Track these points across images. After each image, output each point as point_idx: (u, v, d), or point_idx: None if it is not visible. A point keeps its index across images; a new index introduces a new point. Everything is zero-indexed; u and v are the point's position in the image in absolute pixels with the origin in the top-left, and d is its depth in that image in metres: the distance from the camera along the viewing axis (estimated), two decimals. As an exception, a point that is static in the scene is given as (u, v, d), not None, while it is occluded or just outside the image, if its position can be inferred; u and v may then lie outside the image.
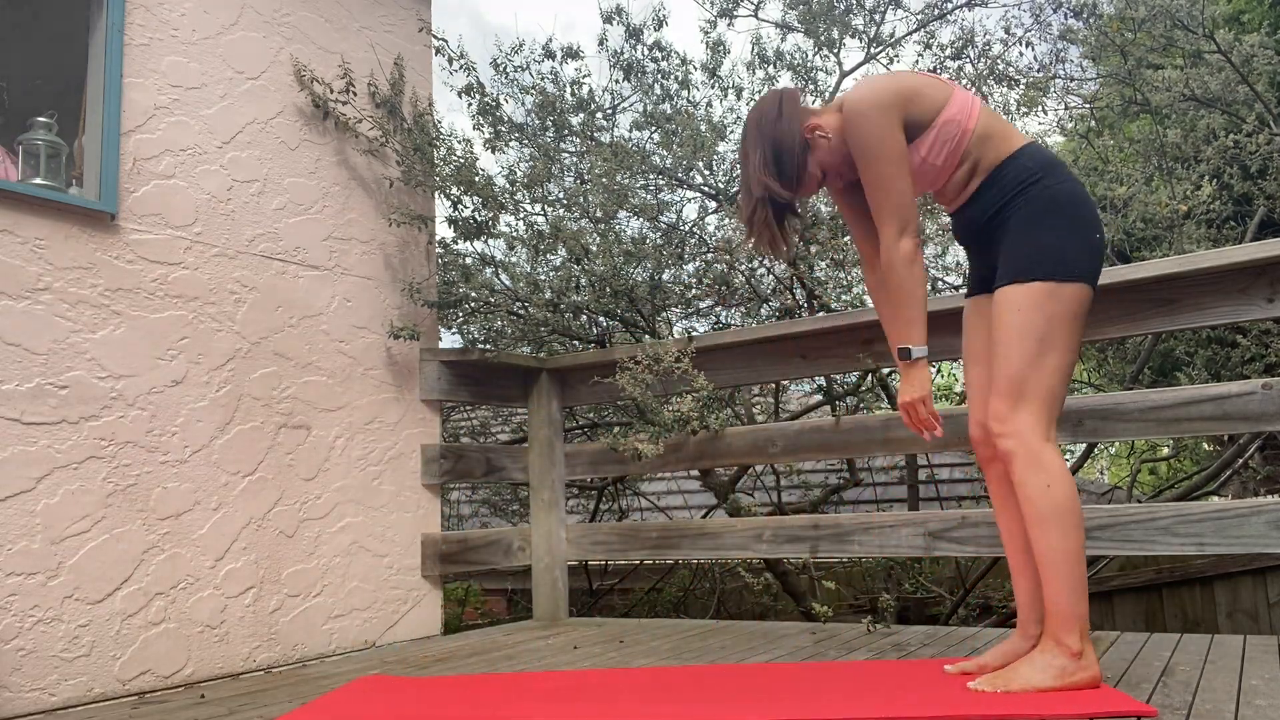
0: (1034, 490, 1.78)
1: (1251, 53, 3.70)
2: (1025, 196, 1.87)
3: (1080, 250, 1.83)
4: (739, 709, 1.78)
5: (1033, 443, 1.80)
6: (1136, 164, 3.94)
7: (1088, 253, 1.84)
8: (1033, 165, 1.89)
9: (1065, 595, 1.76)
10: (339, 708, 2.02)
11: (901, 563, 4.62)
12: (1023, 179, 1.88)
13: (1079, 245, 1.83)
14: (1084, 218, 1.86)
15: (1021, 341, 1.81)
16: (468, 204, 3.39)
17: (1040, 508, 1.78)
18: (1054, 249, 1.82)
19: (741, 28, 6.75)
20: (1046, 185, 1.86)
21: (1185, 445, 5.19)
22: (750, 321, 4.04)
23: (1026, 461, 1.80)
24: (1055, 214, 1.85)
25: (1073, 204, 1.86)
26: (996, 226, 1.93)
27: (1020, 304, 1.82)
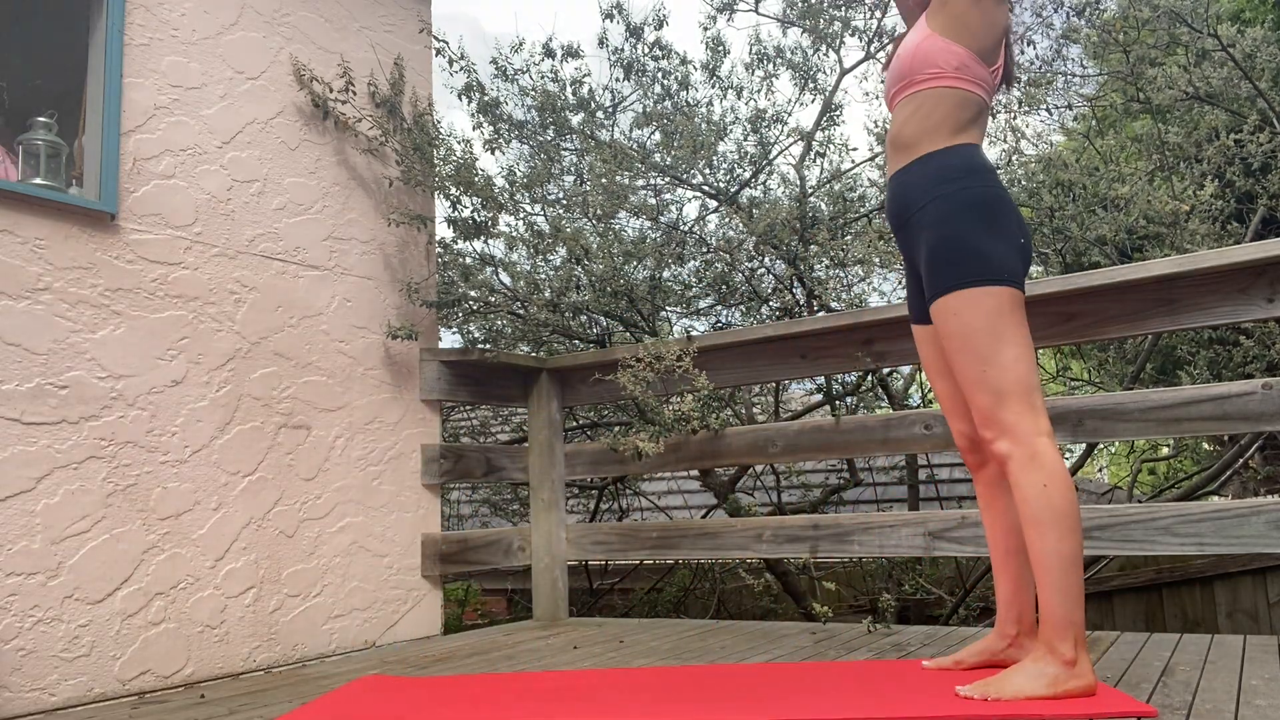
0: (1030, 491, 1.76)
1: (1254, 48, 3.69)
2: (942, 195, 1.87)
3: (1002, 254, 1.82)
4: (739, 709, 1.78)
5: (1026, 438, 1.78)
6: (1138, 162, 3.93)
7: (1009, 255, 1.83)
8: (961, 164, 1.88)
9: (1060, 601, 1.73)
10: (339, 708, 2.02)
11: (901, 563, 4.62)
12: (947, 178, 1.88)
13: (1000, 249, 1.82)
14: (1004, 220, 1.85)
15: (972, 344, 1.81)
16: (467, 204, 3.39)
17: (1036, 509, 1.75)
18: (974, 253, 1.82)
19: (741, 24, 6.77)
20: (965, 187, 1.86)
21: (1185, 445, 5.19)
22: (750, 321, 4.04)
23: (1022, 461, 1.78)
24: (972, 217, 1.84)
25: (990, 206, 1.85)
26: (915, 225, 1.93)
27: (956, 309, 1.82)
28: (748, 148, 3.84)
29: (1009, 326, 1.80)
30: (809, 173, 3.92)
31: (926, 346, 2.09)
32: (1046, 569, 1.74)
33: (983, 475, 2.06)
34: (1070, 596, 1.73)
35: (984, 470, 2.05)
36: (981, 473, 2.06)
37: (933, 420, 2.92)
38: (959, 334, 1.83)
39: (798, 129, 3.92)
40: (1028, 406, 1.79)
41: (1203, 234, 3.55)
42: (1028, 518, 1.77)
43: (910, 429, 2.95)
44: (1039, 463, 1.77)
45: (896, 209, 1.99)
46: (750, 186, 3.86)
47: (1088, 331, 2.68)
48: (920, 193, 1.91)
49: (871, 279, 3.90)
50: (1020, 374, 1.80)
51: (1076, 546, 1.74)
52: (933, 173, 1.90)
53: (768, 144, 3.83)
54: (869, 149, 3.85)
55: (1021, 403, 1.79)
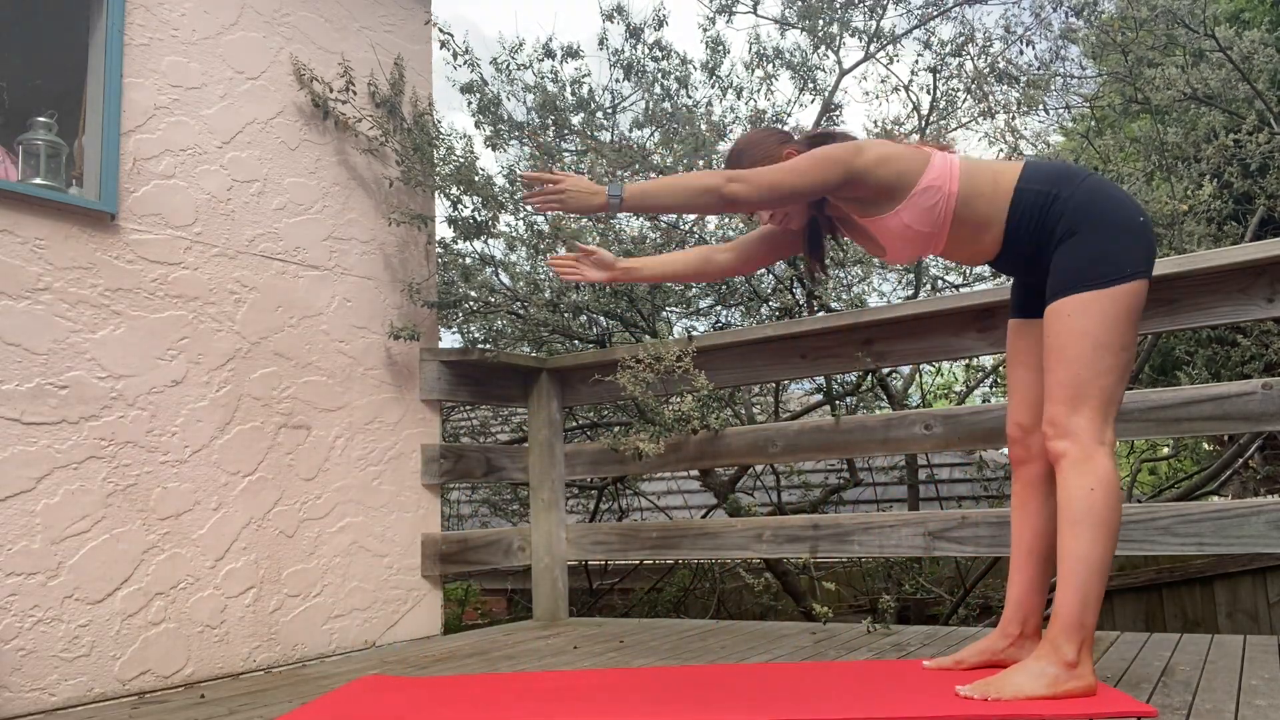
0: (1076, 490, 1.75)
1: (1252, 50, 3.70)
2: (1052, 221, 1.83)
3: (1125, 246, 1.79)
4: (739, 709, 1.78)
5: (1088, 444, 1.76)
6: (1137, 163, 3.93)
7: (1132, 244, 1.79)
8: (1041, 188, 1.85)
9: (1077, 603, 1.72)
10: (339, 708, 2.02)
11: (901, 563, 4.62)
12: (1041, 206, 1.84)
13: (1122, 241, 1.79)
14: (1116, 209, 1.81)
15: (1077, 346, 1.77)
16: (467, 203, 3.39)
17: (1077, 509, 1.74)
18: (1098, 255, 1.78)
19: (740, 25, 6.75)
20: (1066, 199, 1.82)
21: (1185, 445, 5.19)
22: (750, 321, 4.04)
23: (1076, 461, 1.76)
24: (1087, 220, 1.80)
25: (1101, 200, 1.82)
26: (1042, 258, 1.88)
27: (1073, 310, 1.79)
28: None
29: (1119, 334, 1.77)
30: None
31: (1021, 338, 2.04)
32: (1073, 570, 1.73)
33: (1023, 472, 2.03)
34: (1088, 602, 1.72)
35: (1026, 467, 2.03)
36: (1023, 469, 2.03)
37: (933, 420, 2.92)
38: (1069, 334, 1.79)
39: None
40: (1101, 415, 1.77)
41: (1200, 234, 3.55)
42: (1067, 517, 1.75)
43: (910, 429, 2.95)
44: (1092, 466, 1.75)
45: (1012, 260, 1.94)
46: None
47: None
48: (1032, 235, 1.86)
49: (871, 279, 3.90)
50: (1110, 385, 1.78)
51: (1107, 555, 1.73)
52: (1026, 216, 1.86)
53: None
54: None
55: (1097, 411, 1.77)
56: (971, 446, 2.97)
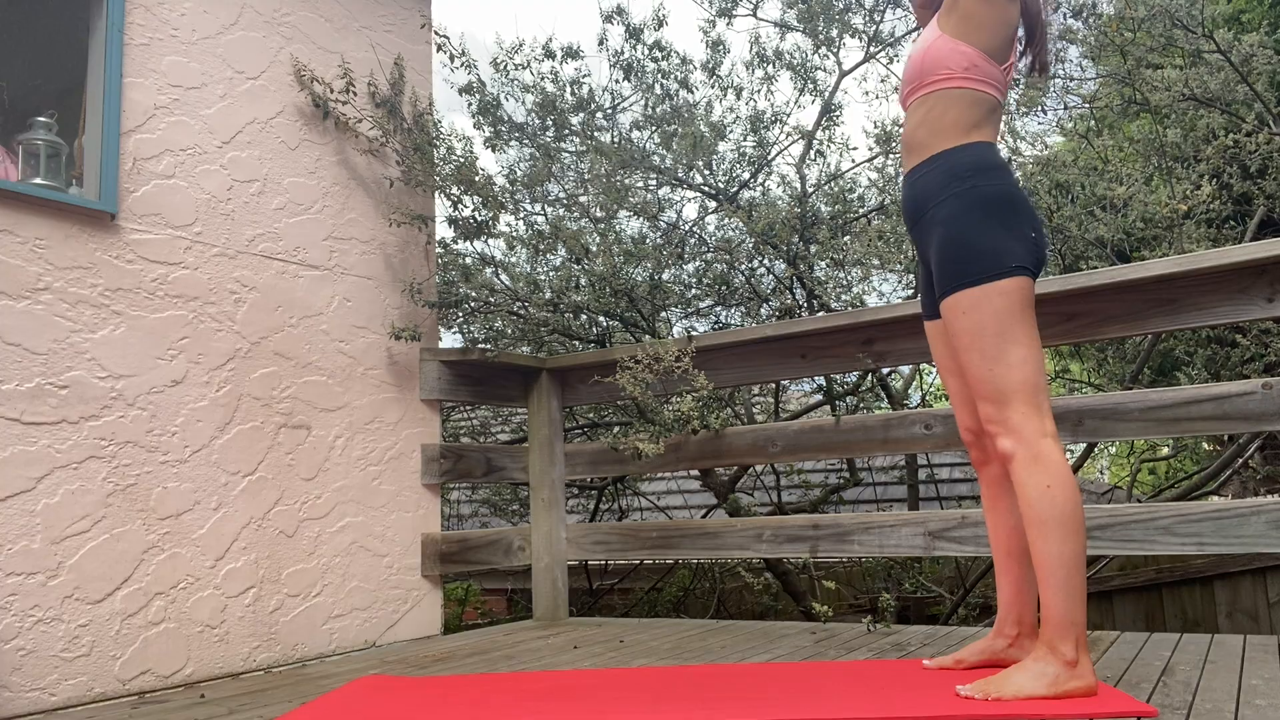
0: (1033, 491, 1.76)
1: (1251, 52, 3.70)
2: (954, 194, 1.88)
3: (1013, 244, 1.82)
4: (739, 709, 1.78)
5: (1031, 438, 1.78)
6: (1136, 164, 3.94)
7: (1022, 246, 1.83)
8: (970, 162, 1.89)
9: (1062, 602, 1.73)
10: (339, 708, 2.02)
11: (901, 562, 4.62)
12: (959, 173, 1.89)
13: (1012, 241, 1.83)
14: (1015, 216, 1.85)
15: (980, 342, 1.81)
16: (468, 204, 3.39)
17: (1040, 510, 1.75)
18: (986, 249, 1.82)
19: (740, 27, 6.76)
20: (975, 185, 1.87)
21: (1185, 445, 5.19)
22: (750, 321, 4.04)
23: (1026, 461, 1.78)
24: (982, 214, 1.85)
25: (1001, 203, 1.86)
26: (928, 222, 1.94)
27: (965, 306, 1.83)
28: (747, 148, 3.85)
29: (1018, 325, 1.81)
30: (808, 172, 3.93)
31: (938, 343, 2.10)
32: (1049, 570, 1.74)
33: (986, 473, 2.06)
34: (1072, 597, 1.73)
35: (988, 468, 2.06)
36: (985, 470, 2.06)
37: (933, 420, 2.92)
38: (968, 332, 1.83)
39: (798, 128, 3.92)
40: (1033, 407, 1.80)
41: (1200, 235, 3.55)
42: (1031, 519, 1.77)
43: (910, 429, 2.95)
44: (1043, 463, 1.77)
45: (911, 207, 2.00)
46: (749, 187, 3.86)
47: (1088, 331, 2.68)
48: (933, 191, 1.92)
49: (871, 279, 3.90)
50: (1027, 374, 1.80)
51: (1079, 547, 1.74)
52: (945, 171, 1.91)
53: (767, 144, 3.84)
54: (868, 149, 3.86)
55: (1027, 403, 1.79)
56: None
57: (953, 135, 1.93)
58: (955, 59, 1.92)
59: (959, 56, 1.91)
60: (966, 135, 1.92)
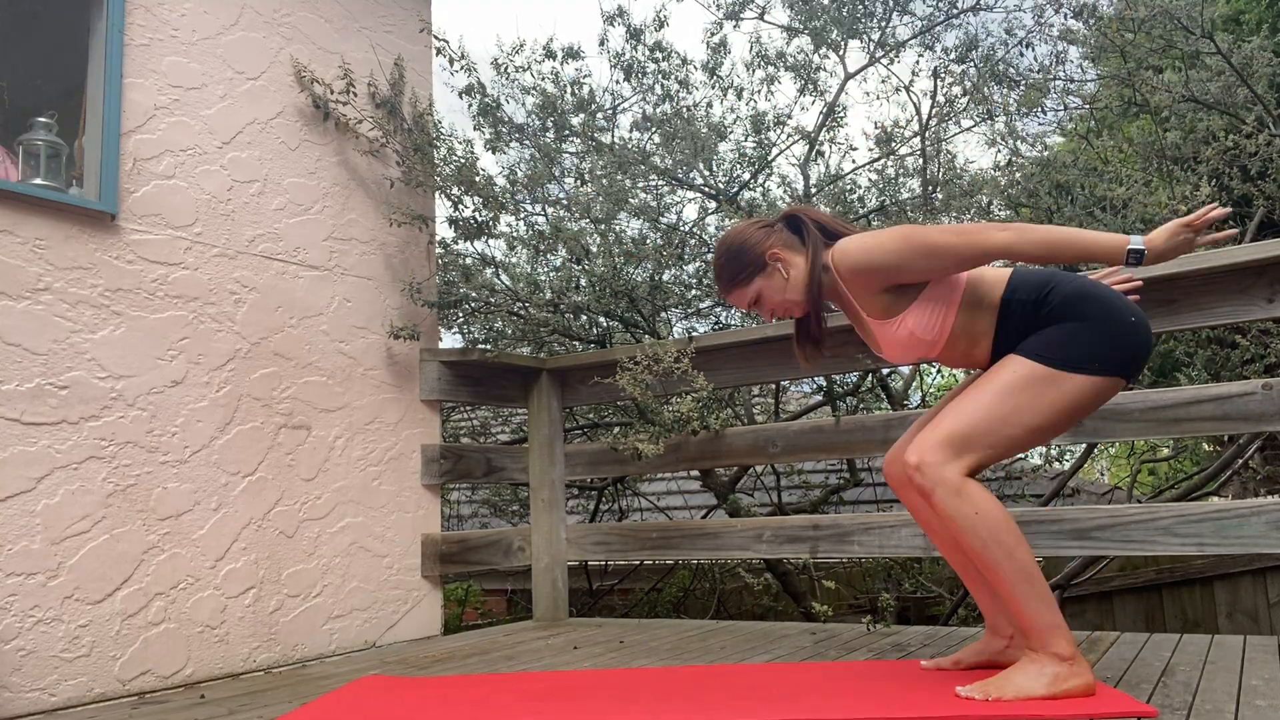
0: (964, 522, 1.74)
1: (1251, 55, 3.70)
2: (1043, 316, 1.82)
3: (1097, 339, 1.77)
4: (739, 710, 1.78)
5: (946, 474, 1.76)
6: (1136, 165, 3.94)
7: (1108, 341, 1.77)
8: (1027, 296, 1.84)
9: (1034, 611, 1.73)
10: (339, 708, 2.02)
11: (901, 563, 4.62)
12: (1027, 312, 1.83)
13: (1095, 335, 1.77)
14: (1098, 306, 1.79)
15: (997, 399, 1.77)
16: (468, 204, 3.40)
17: (977, 535, 1.74)
18: (1064, 337, 1.78)
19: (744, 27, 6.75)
20: (1050, 299, 1.82)
21: (1185, 445, 5.19)
22: (750, 322, 4.04)
23: (947, 493, 1.76)
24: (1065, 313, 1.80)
25: (1081, 299, 1.80)
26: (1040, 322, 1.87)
27: (1016, 369, 1.79)
28: (747, 148, 3.85)
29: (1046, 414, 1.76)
30: (809, 172, 3.93)
31: None
32: (1010, 586, 1.74)
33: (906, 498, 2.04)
34: (1043, 603, 1.73)
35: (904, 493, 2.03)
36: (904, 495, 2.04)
37: (933, 421, 2.92)
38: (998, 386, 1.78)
39: (799, 129, 3.92)
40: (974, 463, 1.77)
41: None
42: (971, 545, 1.75)
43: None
44: (962, 490, 1.75)
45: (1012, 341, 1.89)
46: (750, 188, 3.86)
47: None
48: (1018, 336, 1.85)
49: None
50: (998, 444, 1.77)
51: (1027, 556, 1.74)
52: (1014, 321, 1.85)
53: (767, 145, 3.84)
54: (868, 150, 3.86)
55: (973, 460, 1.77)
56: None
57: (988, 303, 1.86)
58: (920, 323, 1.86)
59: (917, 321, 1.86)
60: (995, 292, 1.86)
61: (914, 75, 4.01)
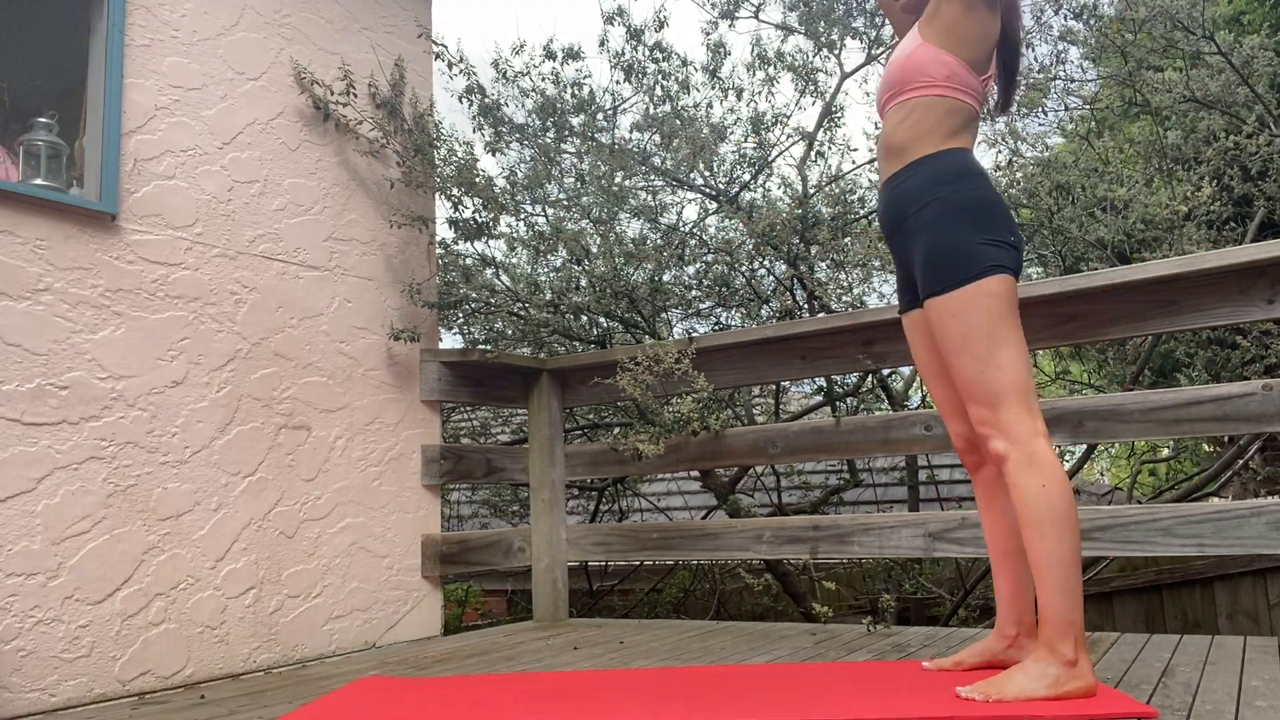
0: (1029, 491, 1.76)
1: (1251, 54, 3.70)
2: (937, 198, 1.89)
3: (996, 251, 1.84)
4: (739, 710, 1.78)
5: (1024, 439, 1.79)
6: (1137, 165, 3.94)
7: (1003, 250, 1.85)
8: (951, 168, 1.91)
9: (1059, 601, 1.73)
10: (339, 708, 2.02)
11: (902, 563, 4.62)
12: (940, 179, 1.90)
13: (994, 245, 1.85)
14: (996, 221, 1.87)
15: (970, 345, 1.82)
16: (468, 205, 3.40)
17: (1035, 510, 1.75)
18: (972, 253, 1.84)
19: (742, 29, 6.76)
20: (958, 190, 1.88)
21: (1185, 446, 5.19)
22: (750, 322, 4.04)
23: (1020, 461, 1.79)
24: (966, 218, 1.86)
25: (983, 208, 1.87)
26: (909, 229, 1.94)
27: (954, 309, 1.84)
28: (747, 149, 3.85)
29: (1006, 327, 1.82)
30: (809, 174, 3.93)
31: (919, 344, 2.09)
32: (1046, 569, 1.74)
33: (981, 476, 2.06)
34: (1070, 597, 1.73)
35: (982, 471, 2.06)
36: (980, 473, 2.07)
37: (933, 421, 2.92)
38: (958, 334, 1.84)
39: (799, 129, 3.92)
40: (1025, 408, 1.81)
41: (1200, 237, 3.55)
42: (1026, 519, 1.77)
43: (910, 430, 2.95)
44: (1037, 463, 1.77)
45: (890, 213, 2.01)
46: (749, 189, 3.86)
47: (1088, 333, 2.68)
48: (914, 197, 1.93)
49: (872, 280, 3.91)
50: (1018, 376, 1.81)
51: (1075, 547, 1.75)
52: (926, 177, 1.92)
53: (768, 146, 3.84)
54: (868, 150, 3.86)
55: (1019, 404, 1.80)
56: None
57: (932, 141, 1.94)
58: (936, 67, 1.93)
59: (940, 65, 1.93)
60: (945, 142, 1.94)
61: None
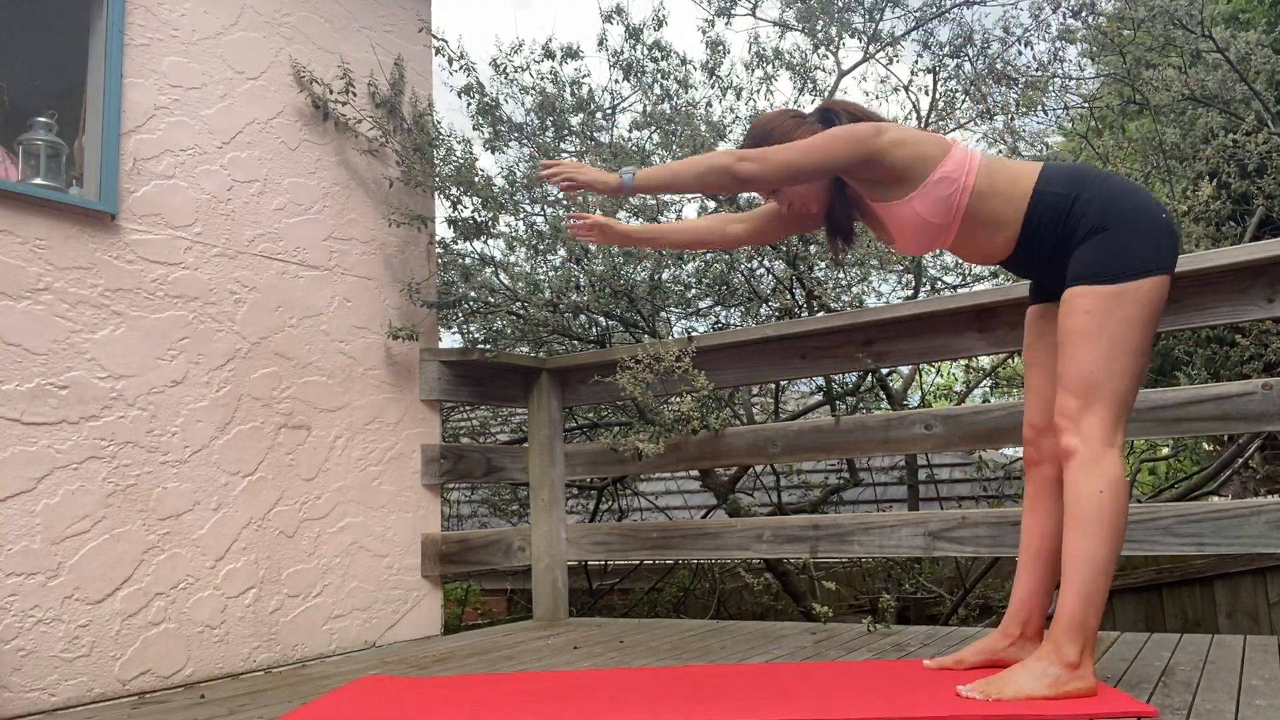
0: (1085, 491, 1.73)
1: (1249, 51, 3.70)
2: (1074, 220, 1.81)
3: (1145, 243, 1.77)
4: (739, 709, 1.78)
5: (1098, 445, 1.74)
6: (1135, 163, 3.94)
7: (1153, 243, 1.76)
8: (1062, 190, 1.83)
9: (1080, 604, 1.71)
10: (339, 708, 2.02)
11: (901, 563, 4.62)
12: (1061, 208, 1.82)
13: (1142, 238, 1.77)
14: (1137, 207, 1.79)
15: (1092, 344, 1.75)
16: (467, 204, 3.39)
17: (1086, 510, 1.72)
18: (1119, 251, 1.76)
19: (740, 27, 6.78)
20: (1087, 200, 1.80)
21: (1185, 445, 5.19)
22: (750, 322, 4.04)
23: (1086, 461, 1.74)
24: (1112, 216, 1.79)
25: (1122, 199, 1.80)
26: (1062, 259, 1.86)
27: (1089, 307, 1.76)
28: (747, 148, 3.84)
29: (1135, 336, 1.75)
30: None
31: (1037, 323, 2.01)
32: (1078, 570, 1.72)
33: (1036, 473, 2.02)
34: (1092, 603, 1.72)
35: (1039, 468, 2.01)
36: (1036, 470, 2.02)
37: (933, 420, 2.92)
38: (1084, 330, 1.76)
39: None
40: (1115, 417, 1.76)
41: (1199, 235, 3.55)
42: (1075, 518, 1.74)
43: (910, 429, 2.95)
44: (1102, 468, 1.74)
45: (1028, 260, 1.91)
46: (750, 187, 3.85)
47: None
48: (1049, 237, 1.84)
49: (870, 280, 3.91)
50: (1123, 388, 1.76)
51: (1113, 557, 1.72)
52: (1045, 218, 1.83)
53: (767, 144, 3.83)
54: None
55: (1111, 411, 1.75)
56: (971, 447, 2.97)
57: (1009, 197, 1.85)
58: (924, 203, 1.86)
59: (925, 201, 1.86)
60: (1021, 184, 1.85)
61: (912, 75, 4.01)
